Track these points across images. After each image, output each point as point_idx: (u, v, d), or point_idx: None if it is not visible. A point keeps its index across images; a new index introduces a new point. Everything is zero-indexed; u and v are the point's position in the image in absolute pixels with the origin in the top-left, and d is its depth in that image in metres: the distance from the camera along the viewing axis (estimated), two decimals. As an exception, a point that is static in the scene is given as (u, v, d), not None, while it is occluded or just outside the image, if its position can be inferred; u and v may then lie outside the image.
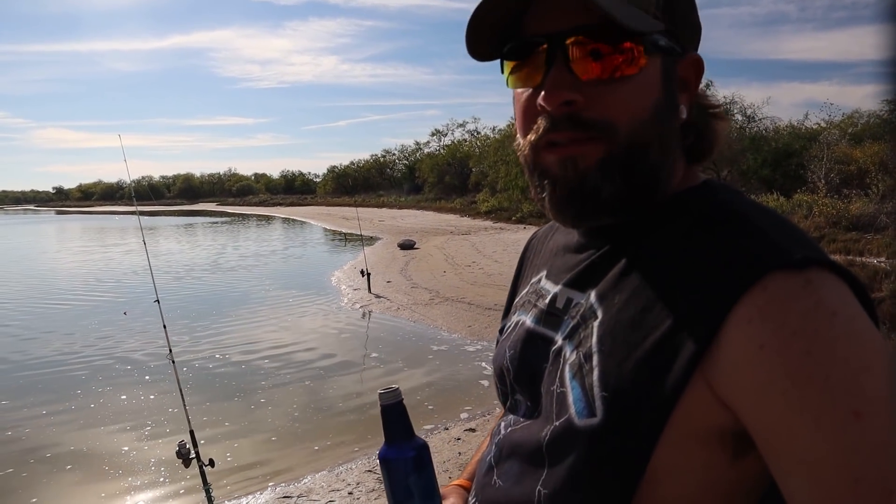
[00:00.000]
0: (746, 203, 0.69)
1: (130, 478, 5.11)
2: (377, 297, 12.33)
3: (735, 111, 33.68)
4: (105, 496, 4.86)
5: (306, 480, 4.86)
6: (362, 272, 13.10)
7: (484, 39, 0.72)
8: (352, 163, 77.85)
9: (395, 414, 0.81)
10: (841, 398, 0.53)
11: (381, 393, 0.81)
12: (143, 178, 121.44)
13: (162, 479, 5.04)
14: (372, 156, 75.93)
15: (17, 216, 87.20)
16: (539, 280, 0.86)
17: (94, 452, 5.60)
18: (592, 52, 0.66)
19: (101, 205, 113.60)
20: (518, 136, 0.75)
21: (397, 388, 0.81)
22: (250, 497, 4.68)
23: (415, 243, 20.92)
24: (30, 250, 28.32)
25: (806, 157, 22.64)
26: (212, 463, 3.59)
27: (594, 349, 0.66)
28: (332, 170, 79.53)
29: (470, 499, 0.85)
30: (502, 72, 0.74)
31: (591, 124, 0.67)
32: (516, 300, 0.92)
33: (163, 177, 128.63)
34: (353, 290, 13.28)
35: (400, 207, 46.68)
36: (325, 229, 33.92)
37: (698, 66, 0.72)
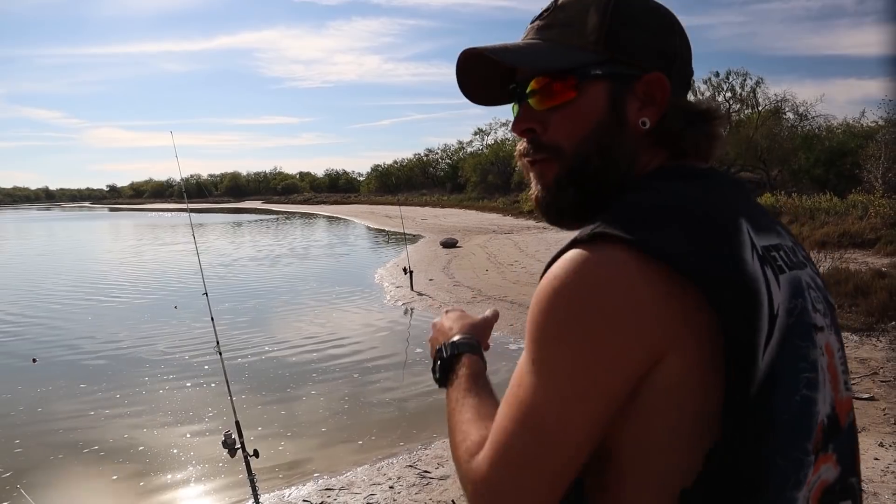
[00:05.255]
0: (643, 191, 0.80)
1: (177, 466, 5.26)
2: (419, 294, 12.38)
3: (786, 109, 32.82)
4: (152, 483, 5.01)
5: (348, 474, 4.92)
6: (405, 270, 13.18)
7: (480, 93, 0.95)
8: (395, 162, 78.46)
9: None
10: (531, 347, 0.73)
11: None
12: (191, 176, 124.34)
13: (208, 469, 5.17)
14: (415, 155, 76.22)
15: (74, 212, 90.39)
16: None
17: (144, 440, 5.76)
18: (539, 90, 0.85)
19: (151, 202, 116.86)
20: None
21: None
22: (293, 488, 4.76)
23: (457, 242, 20.94)
24: (89, 247, 29.34)
25: (862, 156, 21.86)
26: (256, 454, 3.66)
27: None
28: (375, 168, 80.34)
29: None
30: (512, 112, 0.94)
31: (546, 147, 0.86)
32: None
33: (210, 175, 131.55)
34: (395, 288, 13.37)
35: (443, 206, 46.77)
36: (369, 227, 34.21)
37: (660, 83, 0.83)
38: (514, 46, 0.87)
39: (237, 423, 3.74)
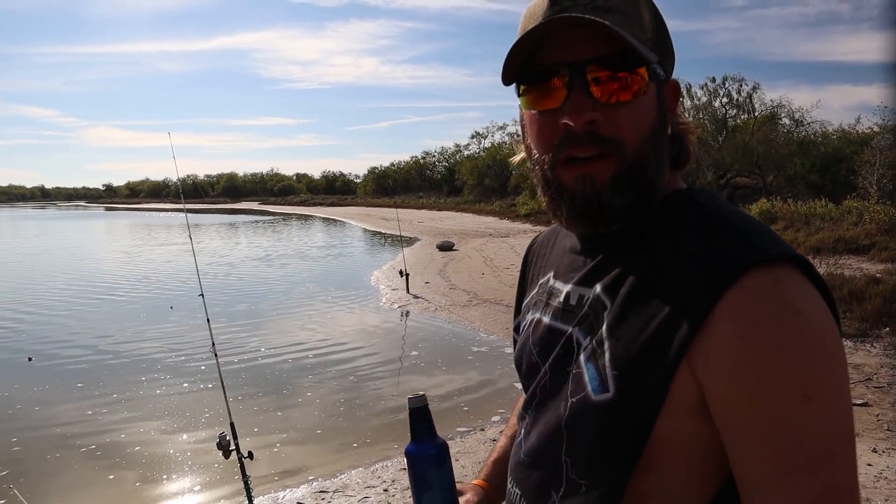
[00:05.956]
0: (720, 206, 0.81)
1: (172, 467, 5.25)
2: (416, 297, 12.39)
3: (782, 115, 32.93)
4: (147, 483, 5.01)
5: (342, 476, 4.92)
6: (401, 273, 13.18)
7: (510, 68, 0.82)
8: (392, 164, 78.23)
9: (420, 416, 0.93)
10: (795, 382, 0.66)
11: (409, 398, 0.93)
12: (188, 176, 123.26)
13: (202, 470, 5.17)
14: (412, 157, 76.12)
15: (69, 211, 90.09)
16: (548, 280, 0.97)
17: (139, 440, 5.76)
18: (608, 79, 0.77)
19: (147, 202, 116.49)
20: (533, 151, 0.85)
21: (424, 395, 0.93)
22: (287, 490, 4.76)
23: (454, 245, 20.95)
24: (84, 246, 29.26)
25: (857, 162, 21.93)
26: (251, 455, 3.66)
27: (605, 335, 0.78)
28: (372, 171, 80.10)
29: (508, 480, 0.94)
30: (518, 95, 0.84)
31: (607, 141, 0.78)
32: (527, 300, 1.04)
33: (207, 175, 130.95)
34: (391, 290, 13.37)
35: (439, 209, 46.75)
36: (365, 230, 34.19)
37: (676, 90, 0.85)
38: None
39: (232, 424, 3.74)
